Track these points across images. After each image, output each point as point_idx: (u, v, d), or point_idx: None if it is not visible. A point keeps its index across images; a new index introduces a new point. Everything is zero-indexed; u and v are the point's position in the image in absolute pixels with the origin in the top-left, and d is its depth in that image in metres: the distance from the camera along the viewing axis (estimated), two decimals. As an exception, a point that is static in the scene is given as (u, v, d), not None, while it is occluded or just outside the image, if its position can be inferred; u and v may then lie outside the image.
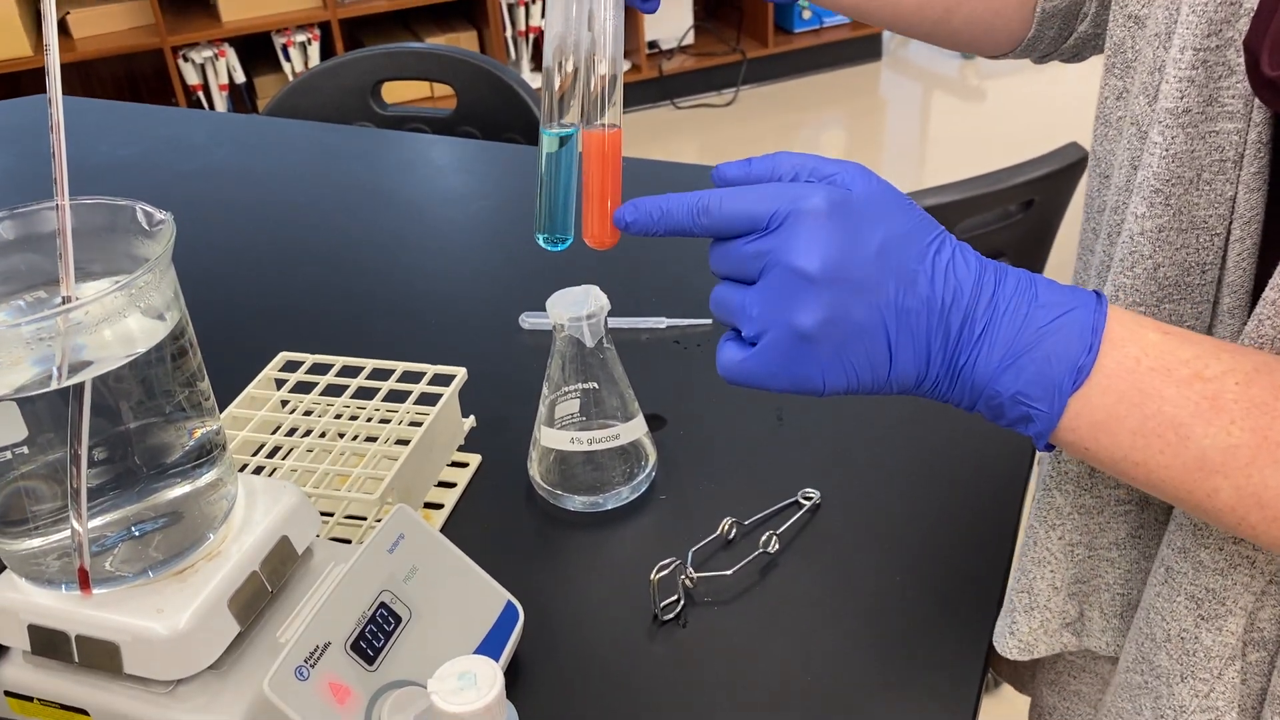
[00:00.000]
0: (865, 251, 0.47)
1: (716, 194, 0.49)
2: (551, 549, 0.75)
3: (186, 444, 0.59)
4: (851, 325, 0.47)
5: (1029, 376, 0.47)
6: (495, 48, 3.48)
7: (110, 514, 0.57)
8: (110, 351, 0.54)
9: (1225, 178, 0.49)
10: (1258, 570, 0.51)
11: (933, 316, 0.48)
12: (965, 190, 1.38)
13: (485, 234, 1.19)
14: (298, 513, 0.63)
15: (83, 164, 1.36)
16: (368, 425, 0.78)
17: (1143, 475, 0.47)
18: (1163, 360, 0.46)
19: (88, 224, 0.58)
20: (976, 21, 0.66)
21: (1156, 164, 0.50)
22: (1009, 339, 0.47)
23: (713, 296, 0.51)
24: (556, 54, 0.54)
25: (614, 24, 0.53)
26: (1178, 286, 0.52)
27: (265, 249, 1.17)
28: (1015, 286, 0.48)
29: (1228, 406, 0.44)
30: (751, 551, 0.72)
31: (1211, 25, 0.47)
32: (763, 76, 3.83)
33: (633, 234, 0.52)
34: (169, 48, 3.18)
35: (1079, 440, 0.47)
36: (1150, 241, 0.51)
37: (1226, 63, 0.48)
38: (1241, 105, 0.48)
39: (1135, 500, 0.58)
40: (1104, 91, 0.58)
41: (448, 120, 1.56)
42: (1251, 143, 0.48)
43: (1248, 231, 0.49)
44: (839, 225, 0.47)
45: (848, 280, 0.47)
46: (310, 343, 0.88)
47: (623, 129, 0.55)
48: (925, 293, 0.47)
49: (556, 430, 0.76)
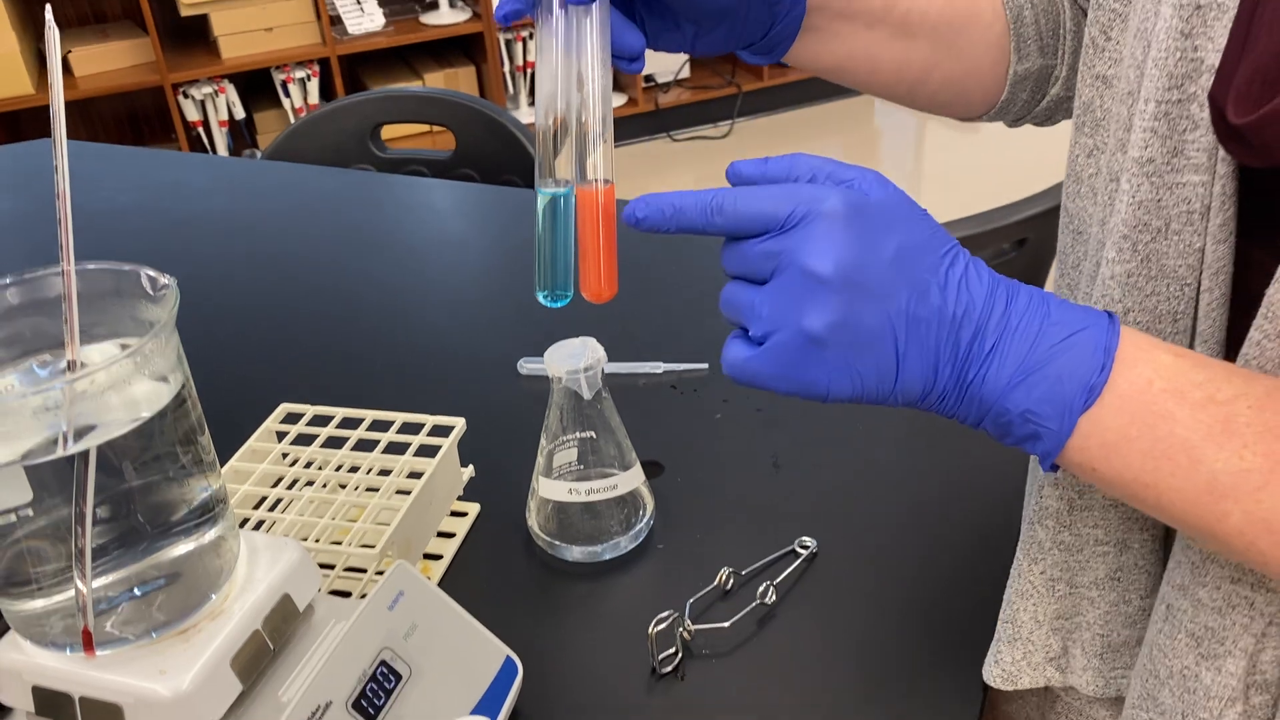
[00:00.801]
0: (879, 258, 0.47)
1: (731, 193, 0.49)
2: (550, 600, 0.75)
3: (189, 502, 0.60)
4: (861, 331, 0.47)
5: (1039, 394, 0.47)
6: (494, 83, 3.51)
7: (113, 574, 0.58)
8: (115, 415, 0.55)
9: (1193, 229, 0.50)
10: (1256, 611, 0.51)
11: (943, 328, 0.47)
12: (959, 229, 1.39)
13: (483, 278, 1.20)
14: (299, 570, 0.63)
15: (84, 210, 1.37)
16: (368, 477, 0.79)
17: (1152, 497, 0.47)
18: (1175, 382, 0.46)
19: (93, 288, 0.59)
20: (952, 84, 0.67)
21: (1125, 211, 0.51)
22: (1020, 355, 0.47)
23: (723, 295, 0.50)
24: (547, 115, 0.55)
25: (602, 84, 0.55)
26: (1150, 332, 0.52)
27: (264, 296, 1.18)
28: (1028, 303, 0.48)
29: (1240, 430, 0.44)
30: (749, 602, 0.72)
31: (1173, 79, 0.48)
32: (758, 109, 3.86)
33: (644, 230, 0.51)
34: (169, 85, 3.21)
35: (1087, 461, 0.47)
36: (1120, 286, 0.52)
37: (1190, 116, 0.49)
38: (1206, 159, 0.48)
39: (1114, 541, 0.58)
40: (1074, 150, 0.59)
41: (446, 163, 1.57)
42: (1216, 195, 0.49)
43: (1216, 283, 0.50)
44: (854, 230, 0.47)
45: (860, 285, 0.47)
46: (310, 391, 0.89)
47: (615, 184, 0.56)
48: (937, 303, 0.47)
49: (554, 481, 0.77)
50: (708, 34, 0.60)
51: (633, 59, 0.56)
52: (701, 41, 0.60)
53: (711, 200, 0.49)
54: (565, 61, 0.54)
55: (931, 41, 0.65)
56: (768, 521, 0.80)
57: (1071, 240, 0.61)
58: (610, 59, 0.55)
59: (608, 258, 0.54)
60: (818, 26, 0.63)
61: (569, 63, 0.54)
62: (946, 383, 0.48)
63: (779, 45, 0.63)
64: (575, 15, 0.54)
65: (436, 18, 3.45)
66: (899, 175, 3.59)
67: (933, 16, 0.65)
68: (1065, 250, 0.63)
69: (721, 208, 0.49)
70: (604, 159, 0.54)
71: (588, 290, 0.55)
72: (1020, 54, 0.66)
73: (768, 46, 0.63)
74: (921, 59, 0.66)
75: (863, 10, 0.63)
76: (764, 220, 0.48)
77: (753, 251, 0.48)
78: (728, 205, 0.49)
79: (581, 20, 0.54)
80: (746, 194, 0.49)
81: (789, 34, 0.62)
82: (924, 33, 0.65)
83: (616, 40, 0.56)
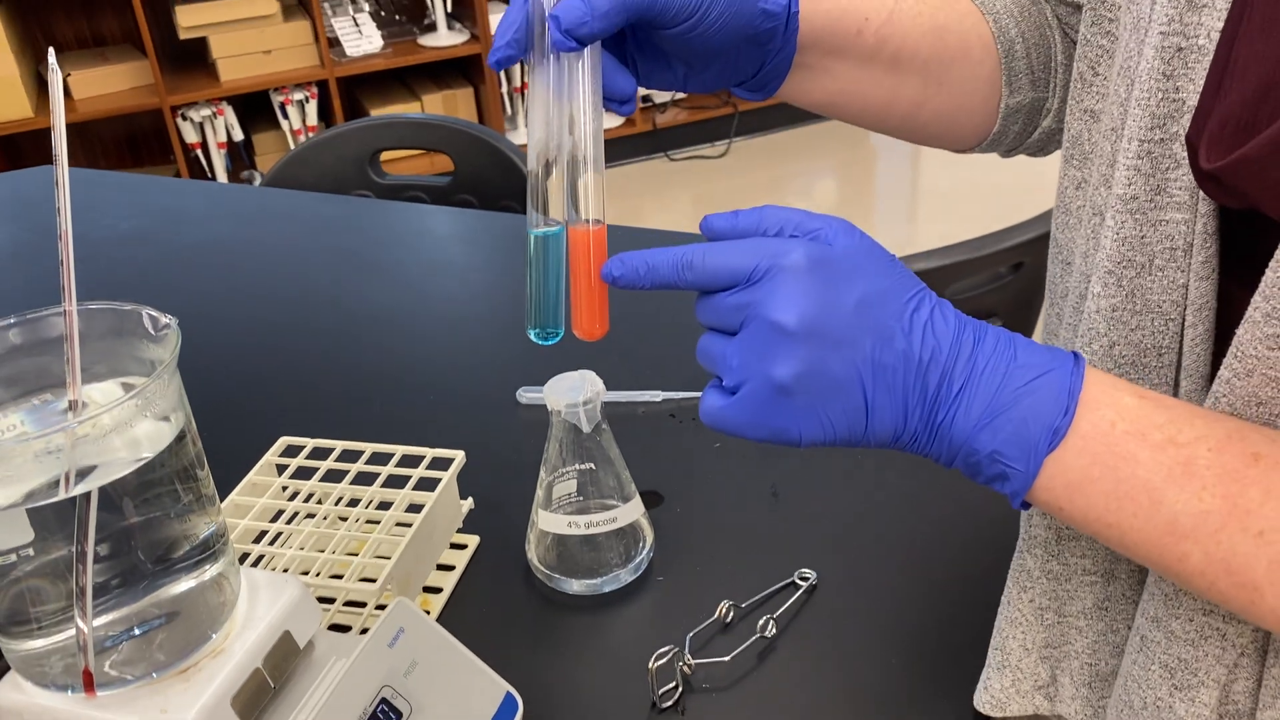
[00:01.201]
0: (843, 307, 0.48)
1: (700, 249, 0.50)
2: (550, 633, 0.75)
3: (190, 539, 0.60)
4: (828, 379, 0.48)
5: (1005, 436, 0.48)
6: (492, 105, 3.53)
7: (114, 612, 0.58)
8: (117, 456, 0.55)
9: (1176, 265, 0.50)
10: (1229, 643, 0.51)
11: (910, 373, 0.48)
12: (955, 254, 1.39)
13: (482, 306, 1.21)
14: (300, 607, 0.63)
15: (84, 238, 1.37)
16: (368, 511, 0.79)
17: (1116, 536, 0.48)
18: (1137, 425, 0.47)
19: (94, 328, 0.59)
20: (943, 117, 0.68)
21: (1109, 246, 0.52)
22: (987, 398, 0.48)
23: (699, 346, 0.52)
24: (540, 158, 0.55)
25: (594, 127, 0.55)
26: (1135, 367, 0.53)
27: (263, 326, 1.19)
28: (994, 346, 0.49)
29: (1200, 472, 0.45)
30: (749, 636, 0.72)
31: (1155, 119, 0.49)
32: (755, 128, 3.88)
33: (620, 288, 0.53)
34: (168, 107, 3.22)
35: (1054, 500, 0.48)
36: (1105, 320, 0.53)
37: (1173, 155, 0.49)
38: (1188, 197, 0.49)
39: (1101, 572, 0.58)
40: (1063, 181, 0.60)
41: (445, 189, 1.58)
42: (1199, 233, 0.49)
43: (1200, 318, 0.51)
44: (817, 281, 0.48)
45: (824, 335, 0.48)
46: (310, 420, 0.90)
47: (606, 225, 0.57)
48: (903, 348, 0.48)
49: (553, 514, 0.77)
50: (699, 73, 0.61)
51: (624, 101, 0.57)
52: (693, 81, 0.61)
53: (682, 257, 0.50)
54: (557, 105, 0.55)
55: (922, 77, 0.66)
56: (767, 553, 0.80)
57: (1060, 271, 0.62)
58: (602, 102, 0.56)
59: (599, 297, 0.55)
60: (809, 64, 0.64)
61: (561, 106, 0.55)
62: (917, 425, 0.49)
63: (770, 83, 0.64)
64: (567, 60, 0.54)
65: (434, 40, 3.47)
66: (895, 195, 3.61)
67: (923, 53, 0.65)
68: (1054, 280, 0.63)
69: (691, 264, 0.50)
70: (595, 199, 0.55)
71: (579, 329, 0.56)
72: (1012, 87, 0.67)
73: (759, 84, 0.63)
74: (912, 94, 0.67)
75: (853, 48, 0.64)
76: (731, 275, 0.49)
77: (723, 304, 0.50)
78: (697, 261, 0.50)
79: (573, 65, 0.54)
80: (715, 249, 0.50)
81: (780, 72, 0.63)
82: (914, 69, 0.66)
83: (608, 83, 0.56)
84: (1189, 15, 0.48)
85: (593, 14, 0.52)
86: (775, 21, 0.59)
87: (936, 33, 0.65)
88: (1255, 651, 0.51)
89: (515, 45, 0.55)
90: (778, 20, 0.59)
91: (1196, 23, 0.48)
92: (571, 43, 0.53)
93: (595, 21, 0.52)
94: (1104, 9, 0.57)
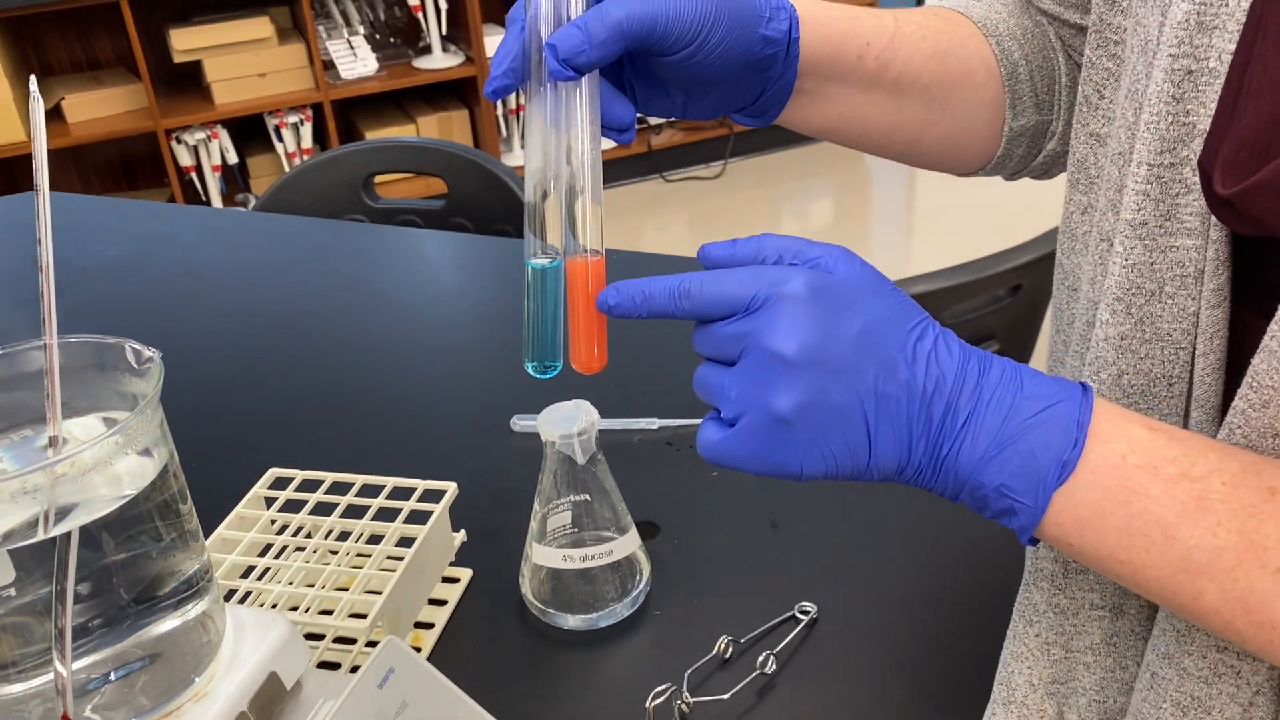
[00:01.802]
0: (844, 336, 0.47)
1: (698, 277, 0.49)
2: (545, 670, 0.74)
3: (173, 576, 0.58)
4: (830, 411, 0.47)
5: (1013, 469, 0.46)
6: (487, 126, 3.53)
7: (94, 654, 0.56)
8: (98, 494, 0.54)
9: (1187, 293, 0.49)
10: (1243, 680, 0.50)
11: (914, 404, 0.47)
12: (954, 277, 1.38)
13: (476, 332, 1.20)
14: (287, 646, 0.62)
15: (73, 264, 1.36)
16: (358, 545, 0.77)
17: (1128, 574, 0.47)
18: (1149, 457, 0.46)
19: (75, 362, 0.58)
20: (946, 141, 0.67)
21: (1118, 273, 0.51)
22: (993, 429, 0.47)
23: (695, 376, 0.51)
24: (537, 188, 0.54)
25: (592, 156, 0.54)
26: (1144, 396, 0.52)
27: (253, 354, 1.17)
28: (1000, 376, 0.48)
29: (1214, 507, 0.44)
30: (749, 673, 0.71)
31: (1165, 143, 0.48)
32: (750, 149, 3.88)
33: (616, 316, 0.52)
34: (162, 130, 3.21)
35: (1063, 536, 0.47)
36: (1113, 348, 0.52)
37: (1183, 181, 0.48)
38: (1199, 223, 0.48)
39: (1109, 607, 0.57)
40: (1068, 206, 0.59)
41: (439, 213, 1.57)
42: (1210, 260, 0.48)
43: (1211, 347, 0.50)
44: (818, 309, 0.47)
45: (826, 365, 0.47)
46: (300, 450, 0.88)
47: (604, 256, 0.55)
48: (906, 378, 0.47)
49: (548, 547, 0.75)
50: (698, 100, 0.60)
51: (623, 130, 0.56)
52: (693, 108, 0.60)
53: (679, 286, 0.49)
54: (555, 135, 0.54)
55: (924, 102, 0.65)
56: (767, 585, 0.79)
57: (1066, 297, 0.61)
58: (600, 131, 0.55)
59: (598, 330, 0.54)
60: (809, 90, 0.63)
61: (559, 136, 0.54)
62: (921, 458, 0.48)
63: (770, 109, 0.63)
64: (564, 89, 0.53)
65: (429, 62, 3.47)
66: (891, 216, 3.61)
67: (925, 77, 0.64)
68: (1060, 306, 0.62)
69: (689, 293, 0.49)
70: (593, 231, 0.54)
71: (577, 362, 0.55)
72: (1015, 110, 0.66)
73: (759, 110, 0.63)
74: (914, 119, 0.66)
75: (855, 73, 0.63)
76: (730, 303, 0.48)
77: (721, 334, 0.49)
78: (694, 290, 0.49)
79: (571, 94, 0.53)
80: (713, 278, 0.49)
81: (780, 98, 0.62)
82: (916, 93, 0.65)
83: (606, 112, 0.55)
84: (1199, 37, 0.47)
85: (590, 43, 0.51)
86: (776, 48, 0.58)
87: (939, 57, 0.64)
88: (1271, 690, 0.50)
89: (512, 75, 0.54)
90: (778, 46, 0.58)
91: (1207, 45, 0.47)
92: (569, 72, 0.52)
93: (593, 50, 0.51)
94: (1109, 31, 0.56)
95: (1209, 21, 0.47)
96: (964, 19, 0.66)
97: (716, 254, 0.51)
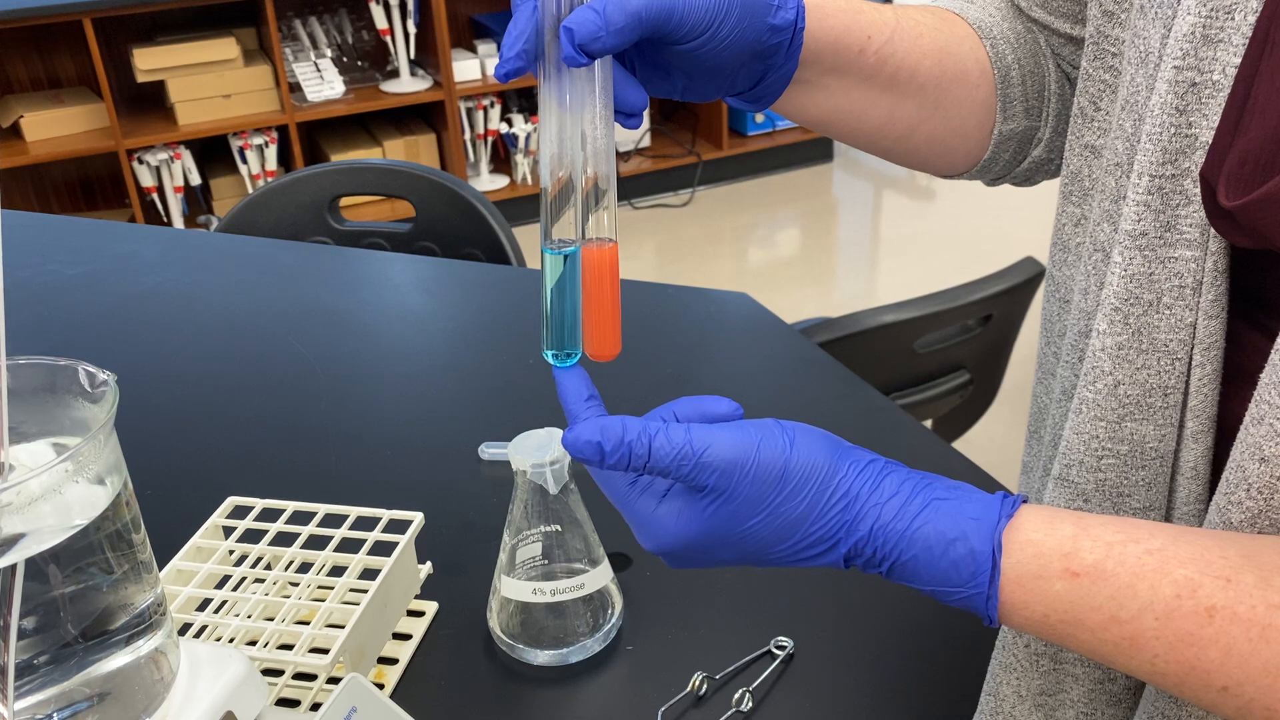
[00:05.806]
0: (744, 546, 0.50)
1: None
2: (513, 708, 0.71)
3: (124, 610, 0.55)
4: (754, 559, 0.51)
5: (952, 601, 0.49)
6: (454, 151, 3.51)
7: (40, 693, 0.53)
8: (47, 524, 0.51)
9: (1184, 304, 0.50)
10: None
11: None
12: (925, 307, 1.38)
13: (443, 357, 1.17)
14: (244, 684, 0.59)
15: (28, 284, 1.33)
16: (319, 577, 0.75)
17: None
18: (1071, 613, 0.46)
19: (25, 384, 0.55)
20: (936, 141, 0.67)
21: (1116, 283, 0.51)
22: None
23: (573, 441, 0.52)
24: (553, 173, 0.53)
25: (605, 142, 0.53)
26: (1139, 406, 0.52)
27: (213, 378, 1.14)
28: (909, 573, 0.49)
29: (1149, 643, 0.45)
30: (724, 710, 0.69)
31: (1166, 154, 0.49)
32: (718, 178, 3.89)
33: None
34: (124, 150, 3.17)
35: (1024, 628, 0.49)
36: (1110, 358, 0.52)
37: (1184, 192, 0.49)
38: (1198, 234, 0.49)
39: None
40: (1061, 218, 0.59)
41: (406, 236, 1.55)
42: (1209, 270, 0.49)
43: (1208, 358, 0.50)
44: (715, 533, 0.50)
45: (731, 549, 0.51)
46: (260, 478, 0.85)
47: (618, 243, 0.54)
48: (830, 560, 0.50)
49: (517, 579, 0.73)
50: (700, 85, 0.59)
51: (632, 115, 0.55)
52: (692, 91, 0.59)
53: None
54: (569, 120, 0.53)
55: (919, 99, 0.65)
56: (742, 619, 0.77)
57: (1057, 309, 0.61)
58: (613, 116, 0.54)
59: (612, 317, 0.54)
60: (808, 80, 0.62)
61: (573, 121, 0.53)
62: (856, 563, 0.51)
63: (767, 95, 0.62)
64: (578, 73, 0.52)
65: (397, 86, 3.45)
66: (856, 244, 3.62)
67: (922, 74, 0.64)
68: (1050, 319, 0.62)
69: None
70: (608, 217, 0.54)
71: (591, 349, 0.55)
72: (1006, 114, 0.66)
73: (756, 96, 0.62)
74: (908, 115, 0.65)
75: (854, 66, 0.62)
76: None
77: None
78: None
79: (585, 78, 0.52)
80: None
81: (779, 86, 0.61)
82: (913, 89, 0.64)
83: (618, 96, 0.54)
84: (1204, 50, 0.47)
85: (607, 29, 0.50)
86: (781, 37, 0.57)
87: (936, 55, 0.64)
88: None
89: (524, 57, 0.52)
90: (784, 36, 0.57)
91: (1212, 58, 0.47)
92: (583, 58, 0.50)
93: (609, 37, 0.50)
94: (1106, 44, 0.56)
95: (1214, 35, 0.47)
96: (960, 19, 0.66)
97: (586, 454, 0.51)
